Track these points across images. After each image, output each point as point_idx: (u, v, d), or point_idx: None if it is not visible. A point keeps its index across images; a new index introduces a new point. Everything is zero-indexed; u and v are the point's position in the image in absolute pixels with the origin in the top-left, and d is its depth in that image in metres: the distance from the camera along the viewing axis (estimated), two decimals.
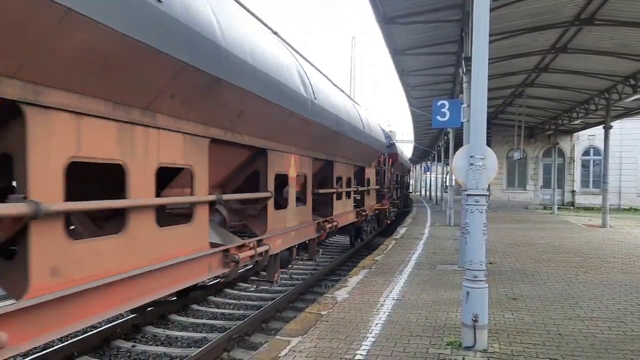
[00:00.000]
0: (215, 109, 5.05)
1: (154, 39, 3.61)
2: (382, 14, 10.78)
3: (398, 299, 7.09)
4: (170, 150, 4.50)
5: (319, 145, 9.05)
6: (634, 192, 30.48)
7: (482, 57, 5.13)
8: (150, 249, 4.27)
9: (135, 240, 4.05)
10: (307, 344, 5.17)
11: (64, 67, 3.14)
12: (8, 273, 3.44)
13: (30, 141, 3.04)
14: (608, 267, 9.83)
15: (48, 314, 3.21)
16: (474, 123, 5.25)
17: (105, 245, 3.75)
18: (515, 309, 6.57)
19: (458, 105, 10.11)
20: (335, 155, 10.50)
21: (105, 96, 3.62)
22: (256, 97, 5.52)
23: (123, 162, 3.88)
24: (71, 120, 3.36)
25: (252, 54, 5.44)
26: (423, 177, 57.14)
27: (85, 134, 3.48)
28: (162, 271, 4.43)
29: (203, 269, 5.20)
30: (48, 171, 3.18)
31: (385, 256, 11.07)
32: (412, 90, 18.79)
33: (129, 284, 3.99)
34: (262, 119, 6.16)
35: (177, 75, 4.10)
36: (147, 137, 4.17)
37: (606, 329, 5.75)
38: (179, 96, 4.35)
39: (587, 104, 20.29)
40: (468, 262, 5.11)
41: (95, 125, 3.57)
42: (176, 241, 4.67)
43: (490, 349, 5.01)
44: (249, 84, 5.27)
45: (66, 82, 3.24)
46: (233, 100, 5.20)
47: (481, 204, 5.12)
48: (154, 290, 4.37)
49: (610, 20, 11.59)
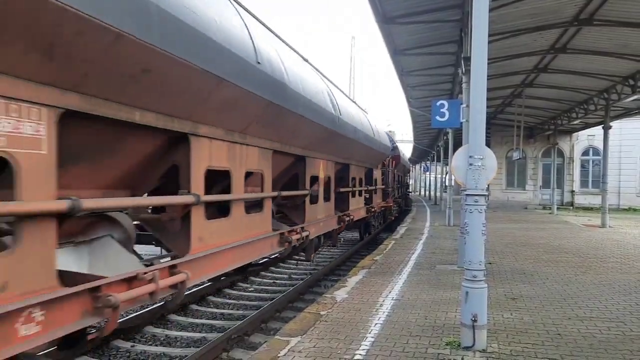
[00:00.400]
0: (278, 129, 6.94)
1: (255, 87, 5.51)
2: (382, 14, 10.79)
3: (397, 299, 7.09)
4: (252, 160, 6.40)
5: (340, 151, 10.92)
6: (633, 192, 30.51)
7: (481, 57, 5.13)
8: (242, 229, 6.22)
9: (235, 222, 6.02)
10: (306, 344, 5.17)
11: (210, 112, 5.07)
12: (177, 240, 5.18)
13: (192, 156, 4.93)
14: (607, 267, 9.84)
15: (200, 264, 5.09)
16: (473, 123, 5.25)
17: (222, 224, 5.72)
18: (515, 309, 6.58)
19: (457, 105, 10.12)
20: (351, 159, 12.41)
21: (223, 126, 5.51)
22: (306, 119, 7.44)
23: (230, 169, 5.81)
24: (208, 143, 5.26)
25: (303, 85, 7.33)
26: (422, 177, 57.16)
27: (213, 151, 5.38)
28: (249, 245, 6.39)
29: (268, 246, 7.14)
30: (199, 175, 5.07)
31: (384, 256, 11.08)
32: (412, 90, 18.80)
33: (234, 250, 5.95)
34: (307, 135, 8.20)
35: (264, 108, 6.04)
36: (241, 151, 6.10)
37: (605, 329, 5.75)
38: (261, 122, 6.25)
39: (587, 104, 20.30)
40: (467, 262, 5.12)
41: (218, 145, 5.48)
42: (254, 225, 6.62)
43: (489, 349, 5.01)
44: (302, 110, 7.21)
45: (208, 120, 5.15)
46: (291, 122, 7.12)
47: (480, 204, 5.12)
48: (243, 258, 6.33)
49: (609, 21, 11.60)
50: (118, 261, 4.37)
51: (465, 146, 5.97)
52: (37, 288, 3.20)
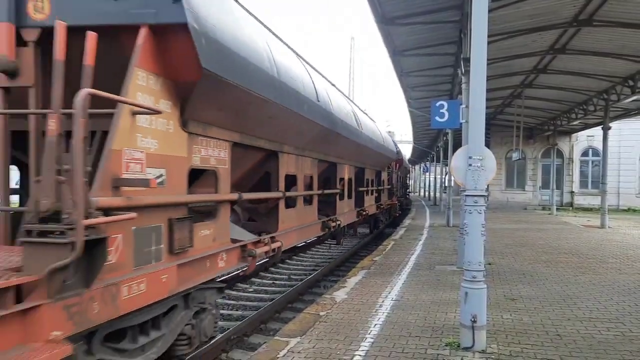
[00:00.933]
0: (323, 144, 9.27)
1: (316, 117, 7.77)
2: (381, 15, 10.80)
3: (397, 300, 7.09)
4: (307, 167, 8.69)
5: (359, 157, 13.11)
6: (633, 192, 30.53)
7: (480, 58, 5.14)
8: (302, 217, 8.51)
9: (299, 212, 8.31)
10: (305, 345, 5.17)
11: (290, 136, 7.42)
12: (269, 223, 7.32)
13: (279, 166, 7.20)
14: (607, 267, 9.84)
15: (283, 237, 7.29)
16: (472, 124, 5.25)
17: (291, 213, 7.92)
18: (514, 310, 6.58)
19: (457, 106, 10.11)
20: (366, 163, 14.60)
21: (294, 145, 7.82)
22: (341, 136, 9.74)
23: (296, 174, 8.08)
24: (287, 157, 7.57)
25: (339, 111, 9.74)
26: (422, 178, 57.14)
27: (289, 162, 7.70)
28: (305, 228, 8.81)
29: (315, 230, 9.64)
30: (282, 179, 7.30)
31: (384, 257, 11.08)
32: (411, 91, 18.81)
33: (298, 231, 8.30)
34: (341, 147, 10.46)
35: (318, 131, 8.26)
36: (302, 161, 8.37)
37: (604, 330, 5.76)
38: (314, 140, 8.55)
39: (586, 104, 20.32)
40: (467, 262, 5.12)
41: (291, 158, 7.81)
42: (307, 214, 8.94)
43: (488, 349, 5.01)
44: (340, 129, 9.49)
45: (288, 141, 7.48)
46: (332, 139, 9.39)
47: (480, 205, 5.12)
48: (302, 237, 8.83)
49: (608, 22, 11.61)
50: (243, 233, 6.41)
51: (465, 147, 5.97)
52: (224, 242, 5.52)
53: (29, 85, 3.93)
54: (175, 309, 4.65)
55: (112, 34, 3.88)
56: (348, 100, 12.36)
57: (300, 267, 12.37)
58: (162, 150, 4.20)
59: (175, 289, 4.41)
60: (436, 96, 18.06)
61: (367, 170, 14.97)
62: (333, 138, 9.33)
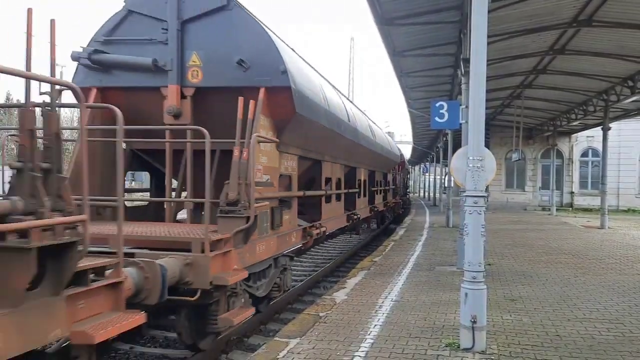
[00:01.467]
0: (350, 153, 11.60)
1: (347, 133, 10.16)
2: (381, 15, 10.78)
3: (396, 301, 7.09)
4: (338, 172, 10.83)
5: (372, 162, 15.48)
6: (633, 193, 30.50)
7: (480, 59, 5.13)
8: (334, 210, 10.59)
9: (333, 206, 10.48)
10: (305, 346, 5.16)
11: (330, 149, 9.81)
12: (314, 214, 9.40)
13: (322, 171, 9.55)
14: (606, 268, 9.84)
15: (326, 225, 9.65)
16: (472, 124, 5.25)
17: (328, 206, 10.03)
18: (514, 310, 6.58)
19: (456, 106, 10.11)
20: (376, 167, 17.00)
21: (330, 154, 9.96)
22: (363, 146, 12.32)
23: (331, 177, 10.26)
24: (326, 164, 9.78)
25: (361, 125, 12.38)
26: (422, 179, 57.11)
27: (327, 168, 9.91)
28: (336, 219, 10.99)
29: (342, 221, 11.73)
30: (324, 180, 9.67)
31: (383, 257, 11.07)
32: (411, 92, 18.80)
33: (332, 221, 10.47)
34: (361, 154, 13.00)
35: (347, 144, 10.65)
36: (335, 167, 10.57)
37: (604, 331, 5.75)
38: (344, 151, 10.95)
39: (586, 105, 20.31)
40: (467, 263, 5.11)
41: (329, 165, 10.01)
42: (337, 209, 11.07)
43: (488, 350, 5.01)
44: (361, 141, 11.93)
45: (328, 152, 9.74)
46: (356, 149, 11.82)
47: (480, 205, 5.11)
48: (335, 226, 11.13)
49: (608, 22, 11.61)
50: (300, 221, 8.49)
51: (465, 147, 5.97)
52: (292, 225, 7.72)
53: (187, 123, 6.30)
54: (270, 267, 6.82)
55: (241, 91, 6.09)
56: (364, 114, 15.11)
57: (300, 268, 12.36)
58: (268, 163, 6.63)
59: (274, 253, 6.80)
60: (436, 97, 18.01)
61: (377, 172, 17.58)
62: (356, 148, 11.81)
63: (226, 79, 6.25)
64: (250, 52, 6.25)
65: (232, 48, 6.26)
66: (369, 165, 15.20)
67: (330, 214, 10.24)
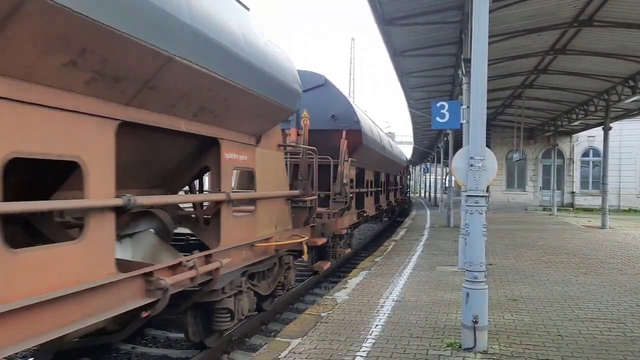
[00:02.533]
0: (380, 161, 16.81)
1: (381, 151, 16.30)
2: (382, 16, 10.79)
3: (398, 300, 7.09)
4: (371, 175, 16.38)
5: (388, 167, 19.88)
6: (634, 193, 30.48)
7: (481, 59, 5.14)
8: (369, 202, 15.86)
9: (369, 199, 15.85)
10: (307, 346, 5.17)
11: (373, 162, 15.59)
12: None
13: (365, 175, 14.88)
14: (607, 268, 9.84)
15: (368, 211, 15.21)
16: (473, 124, 5.25)
17: (369, 199, 15.79)
18: (515, 310, 6.58)
19: (457, 106, 10.12)
20: (391, 171, 22.00)
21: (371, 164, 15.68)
22: (387, 158, 17.52)
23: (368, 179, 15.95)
24: (367, 170, 15.17)
25: (385, 142, 17.40)
26: (422, 179, 57.09)
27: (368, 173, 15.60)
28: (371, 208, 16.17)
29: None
30: (366, 182, 15.20)
31: (384, 257, 11.07)
32: (412, 92, 18.81)
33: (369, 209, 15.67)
34: (385, 164, 18.26)
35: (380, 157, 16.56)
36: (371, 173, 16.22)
37: (606, 330, 5.75)
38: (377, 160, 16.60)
39: (587, 105, 20.30)
40: (468, 263, 5.11)
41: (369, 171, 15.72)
42: (370, 201, 16.24)
43: (490, 350, 5.00)
44: (388, 155, 17.70)
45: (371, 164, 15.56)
46: (384, 161, 17.38)
47: (481, 205, 5.12)
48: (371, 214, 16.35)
49: (609, 22, 11.60)
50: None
51: (466, 147, 5.97)
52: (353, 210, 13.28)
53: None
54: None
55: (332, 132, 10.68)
56: (383, 131, 19.79)
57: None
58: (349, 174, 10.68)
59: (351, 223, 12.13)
60: (437, 97, 18.04)
61: (390, 175, 23.05)
62: (382, 158, 16.21)
63: (323, 124, 10.90)
64: (338, 110, 11.46)
65: (327, 107, 11.30)
66: (386, 169, 20.20)
67: (368, 205, 15.07)
